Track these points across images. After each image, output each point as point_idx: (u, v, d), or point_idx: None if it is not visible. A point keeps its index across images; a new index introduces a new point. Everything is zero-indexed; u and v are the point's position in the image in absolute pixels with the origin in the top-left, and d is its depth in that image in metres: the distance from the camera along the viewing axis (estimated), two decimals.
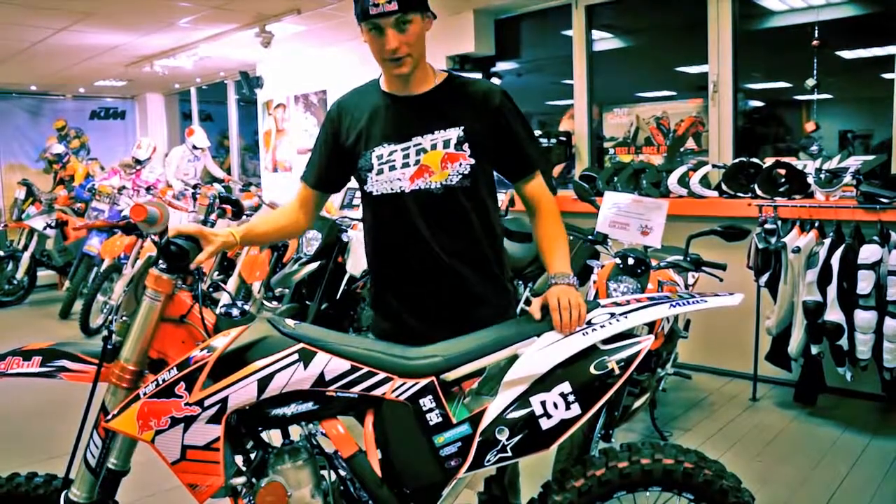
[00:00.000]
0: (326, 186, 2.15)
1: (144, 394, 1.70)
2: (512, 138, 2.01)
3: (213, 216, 5.78)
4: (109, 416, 1.74)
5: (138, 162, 8.36)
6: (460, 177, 1.98)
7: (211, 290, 1.95)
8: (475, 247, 2.03)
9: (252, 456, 1.83)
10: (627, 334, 1.77)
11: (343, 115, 2.08)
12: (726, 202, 4.80)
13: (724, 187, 4.84)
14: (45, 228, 7.74)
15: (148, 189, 7.70)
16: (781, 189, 4.52)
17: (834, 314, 3.97)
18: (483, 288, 2.02)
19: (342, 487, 1.85)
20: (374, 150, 2.01)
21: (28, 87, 10.34)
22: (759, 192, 4.59)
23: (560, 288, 1.85)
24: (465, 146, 1.97)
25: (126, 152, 9.89)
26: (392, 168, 1.99)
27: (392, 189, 2.00)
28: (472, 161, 1.98)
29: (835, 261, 3.95)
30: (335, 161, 2.09)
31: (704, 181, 5.01)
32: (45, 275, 8.46)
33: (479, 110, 1.99)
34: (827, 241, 4.06)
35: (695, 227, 3.44)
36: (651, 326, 3.04)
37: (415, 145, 1.98)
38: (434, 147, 1.97)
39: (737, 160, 4.88)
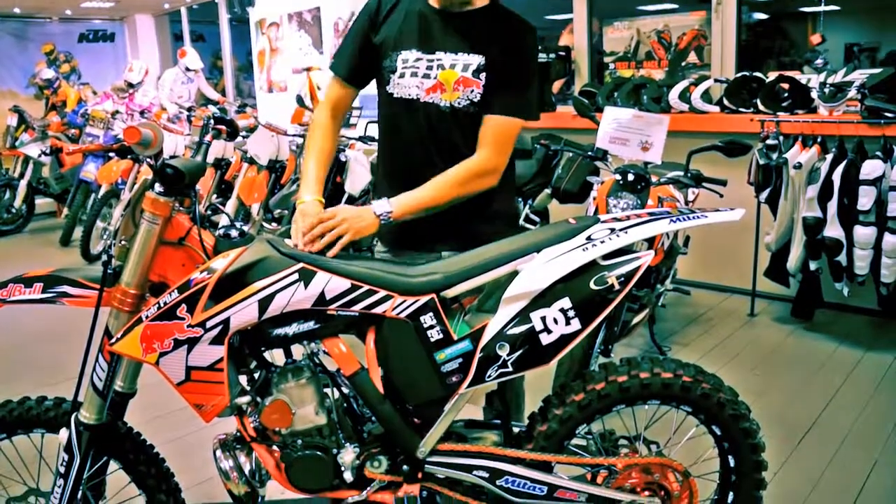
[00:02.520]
0: (358, 79, 2.14)
1: (146, 317, 1.71)
2: (511, 73, 1.98)
3: (208, 137, 5.71)
4: (113, 340, 1.75)
5: (131, 85, 8.22)
6: (468, 102, 1.99)
7: (209, 212, 1.94)
8: None
9: (256, 376, 1.85)
10: (627, 250, 1.77)
11: (382, 9, 2.08)
12: (728, 117, 4.74)
13: (725, 102, 4.77)
14: (39, 156, 7.66)
15: (142, 113, 7.60)
16: (784, 104, 4.45)
17: (833, 230, 3.97)
18: (486, 205, 2.02)
19: (345, 405, 1.89)
20: (402, 53, 2.02)
21: (11, 10, 10.06)
22: (761, 106, 4.53)
23: (358, 208, 1.89)
24: (482, 76, 1.97)
25: (117, 76, 9.70)
26: (413, 75, 2.01)
27: (409, 95, 2.02)
28: (483, 90, 1.98)
29: (836, 177, 3.93)
30: (367, 53, 2.09)
31: (706, 96, 4.94)
32: (43, 202, 8.42)
33: (507, 45, 1.98)
34: (829, 157, 4.03)
35: (696, 142, 3.40)
36: (651, 242, 3.05)
37: (437, 60, 2.00)
38: (453, 67, 1.98)
39: (739, 74, 4.79)
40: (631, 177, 3.20)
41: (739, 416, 1.86)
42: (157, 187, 1.75)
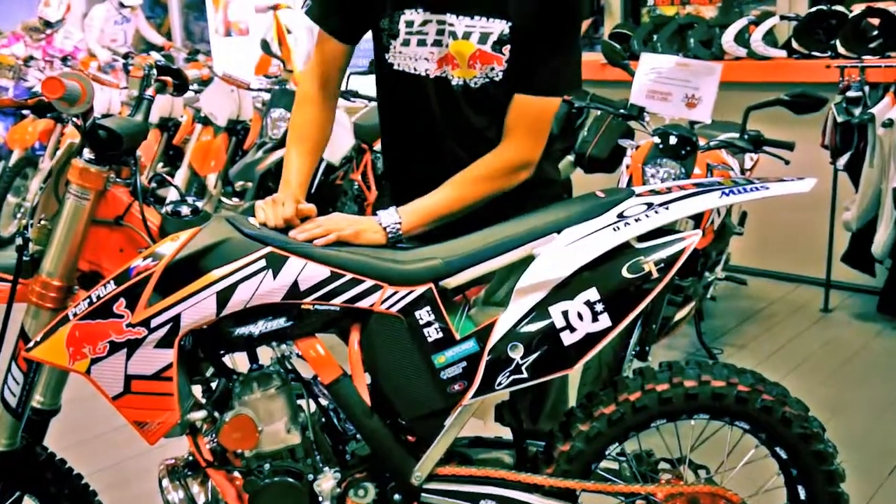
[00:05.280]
0: (351, 32, 2.04)
1: (75, 314, 1.72)
2: (548, 38, 1.89)
3: (149, 91, 5.69)
4: (31, 344, 1.75)
5: (48, 25, 8.17)
6: (486, 81, 1.94)
7: (154, 184, 1.95)
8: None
9: (213, 385, 1.87)
10: (668, 230, 1.78)
11: None
12: (797, 64, 4.74)
13: (795, 45, 4.76)
14: None
15: (64, 60, 7.57)
16: (872, 45, 4.44)
17: None
18: (505, 204, 1.97)
19: (323, 420, 1.91)
20: (405, 12, 1.93)
21: None
22: (841, 49, 4.52)
23: (367, 220, 1.88)
24: (506, 49, 1.90)
25: (31, 13, 9.65)
26: (421, 43, 1.94)
27: (416, 69, 1.97)
28: (506, 67, 1.91)
29: None
30: (358, 3, 1.99)
31: (770, 38, 4.93)
32: None
33: (545, 3, 1.87)
34: None
35: (755, 96, 3.40)
36: (698, 220, 3.06)
37: (448, 25, 1.91)
38: (468, 37, 1.90)
39: (814, 9, 4.78)
40: (673, 140, 3.20)
41: (811, 436, 1.86)
42: (87, 154, 1.76)
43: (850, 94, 4.27)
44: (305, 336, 1.81)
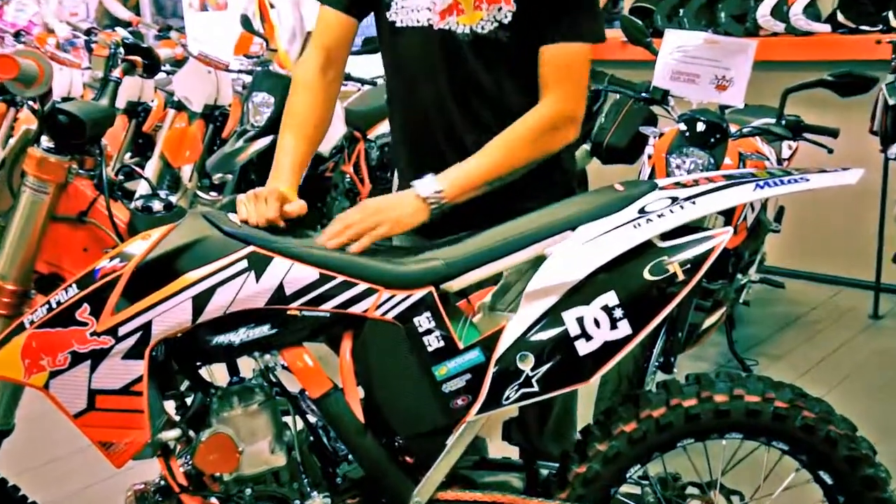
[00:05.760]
0: (357, 5, 2.09)
1: (31, 322, 1.72)
2: None
3: (116, 72, 5.69)
4: None
5: None
6: (495, 25, 1.97)
7: (122, 176, 1.95)
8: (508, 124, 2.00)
9: (188, 401, 1.87)
10: (695, 227, 1.78)
11: None
12: (843, 39, 4.74)
13: (840, 18, 4.76)
14: None
15: (17, 35, 7.57)
16: None
17: None
18: (513, 197, 1.99)
19: (311, 439, 1.91)
20: None
21: None
22: (894, 22, 4.51)
23: (398, 195, 1.90)
24: None
25: None
26: None
27: (419, 21, 2.01)
28: (515, 8, 1.95)
29: None
30: None
31: (811, 10, 4.93)
32: None
33: None
34: None
35: (795, 76, 3.41)
36: (729, 216, 3.06)
37: None
38: None
39: None
40: (701, 126, 3.20)
41: (859, 459, 1.86)
42: (46, 142, 1.77)
43: None
44: (292, 345, 1.81)
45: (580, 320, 1.72)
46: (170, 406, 1.87)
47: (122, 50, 5.69)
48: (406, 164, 2.18)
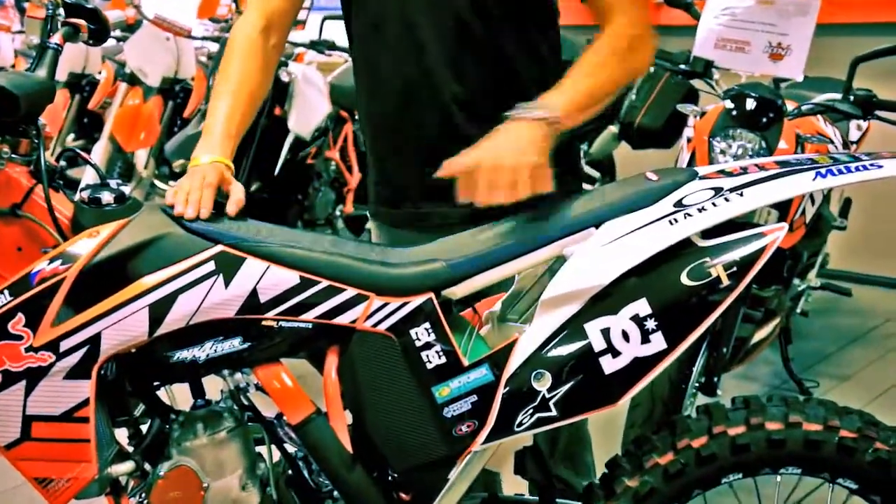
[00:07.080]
0: None
1: None
2: None
3: (56, 38, 5.68)
4: None
5: None
6: None
7: (64, 162, 1.95)
8: (513, 103, 1.96)
9: (143, 428, 1.88)
10: (743, 223, 1.78)
11: None
12: None
13: None
14: None
15: None
16: None
17: None
18: None
19: (290, 471, 1.92)
20: None
21: None
22: None
23: (505, 128, 1.83)
24: None
25: None
26: None
27: None
28: None
29: None
30: None
31: None
32: None
33: None
34: None
35: (865, 44, 3.41)
36: (784, 210, 3.06)
37: None
38: None
39: None
40: (752, 103, 3.20)
41: None
42: None
43: None
44: (267, 362, 1.82)
45: (606, 332, 1.72)
46: (122, 435, 1.87)
47: (61, 11, 5.71)
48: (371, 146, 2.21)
